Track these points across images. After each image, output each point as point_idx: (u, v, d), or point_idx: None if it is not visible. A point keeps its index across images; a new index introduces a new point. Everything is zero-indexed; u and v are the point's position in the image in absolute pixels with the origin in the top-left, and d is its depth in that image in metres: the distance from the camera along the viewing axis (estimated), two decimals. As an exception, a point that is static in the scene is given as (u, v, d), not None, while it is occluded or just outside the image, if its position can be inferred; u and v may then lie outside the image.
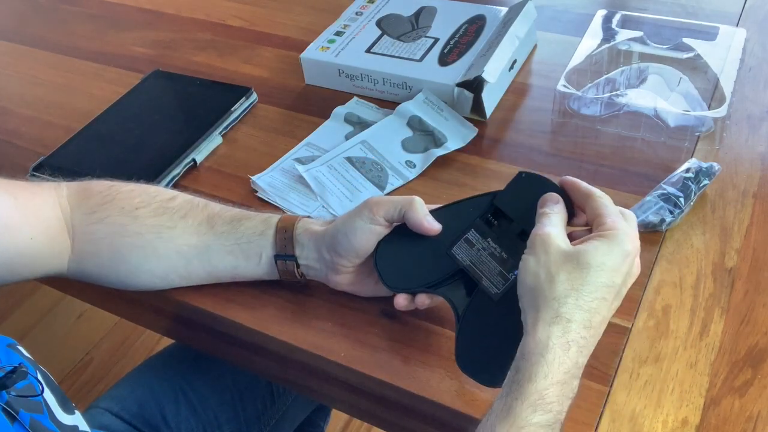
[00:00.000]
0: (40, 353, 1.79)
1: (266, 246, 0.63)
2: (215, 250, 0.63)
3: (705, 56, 0.81)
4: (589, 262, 0.49)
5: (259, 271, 0.64)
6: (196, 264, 0.64)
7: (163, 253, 0.63)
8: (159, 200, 0.65)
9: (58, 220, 0.64)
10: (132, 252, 0.64)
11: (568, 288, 0.48)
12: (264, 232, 0.63)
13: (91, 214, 0.64)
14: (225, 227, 0.63)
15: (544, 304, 0.48)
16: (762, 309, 0.61)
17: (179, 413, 0.79)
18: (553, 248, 0.50)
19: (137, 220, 0.63)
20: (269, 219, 0.64)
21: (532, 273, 0.50)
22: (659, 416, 0.55)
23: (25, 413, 0.50)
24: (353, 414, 0.85)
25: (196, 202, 0.65)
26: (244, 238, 0.63)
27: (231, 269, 0.64)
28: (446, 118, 0.81)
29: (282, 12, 1.07)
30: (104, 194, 0.65)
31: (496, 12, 0.92)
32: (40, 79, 1.00)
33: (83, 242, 0.64)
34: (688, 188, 0.67)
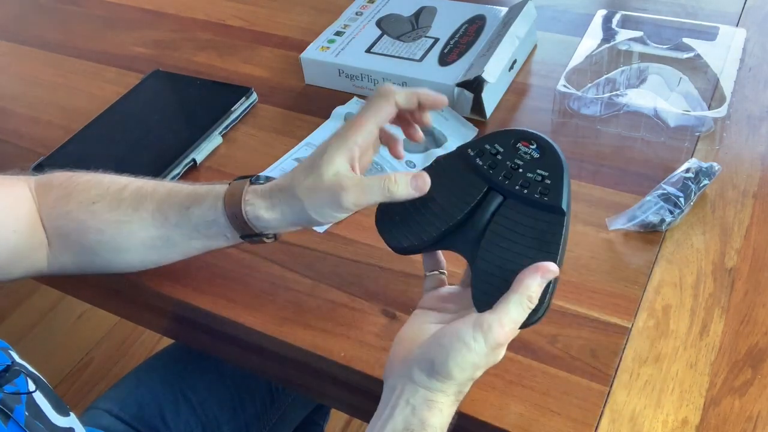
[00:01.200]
0: (39, 353, 1.79)
1: (226, 228, 0.59)
2: (177, 238, 0.61)
3: (705, 56, 0.81)
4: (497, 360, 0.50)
5: (232, 243, 0.61)
6: (166, 251, 0.63)
7: (129, 246, 0.62)
8: (112, 192, 0.63)
9: (34, 213, 0.64)
10: (100, 247, 0.63)
11: (472, 383, 0.50)
12: (216, 219, 0.59)
13: (53, 209, 0.63)
14: (177, 217, 0.60)
15: (455, 393, 0.49)
16: (762, 309, 0.61)
17: (179, 414, 0.79)
18: (492, 360, 0.49)
19: (95, 215, 0.62)
20: (215, 203, 0.59)
21: (464, 370, 0.48)
22: (659, 416, 0.55)
23: (21, 407, 0.50)
24: (353, 414, 0.85)
25: (144, 191, 0.62)
26: (201, 226, 0.60)
27: (203, 248, 0.62)
28: (446, 118, 0.81)
29: (282, 12, 1.07)
30: (63, 186, 0.64)
31: (496, 12, 0.92)
32: (40, 79, 1.00)
33: (55, 236, 0.64)
34: (688, 188, 0.67)
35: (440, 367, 0.48)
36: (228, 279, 0.68)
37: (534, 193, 0.53)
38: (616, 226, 0.67)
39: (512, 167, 0.54)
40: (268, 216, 0.57)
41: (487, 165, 0.54)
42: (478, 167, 0.55)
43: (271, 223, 0.58)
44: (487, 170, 0.54)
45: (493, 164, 0.54)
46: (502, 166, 0.54)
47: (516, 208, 0.53)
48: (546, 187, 0.53)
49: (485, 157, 0.55)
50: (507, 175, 0.54)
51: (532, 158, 0.54)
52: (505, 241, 0.52)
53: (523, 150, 0.54)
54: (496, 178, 0.54)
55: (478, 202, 0.54)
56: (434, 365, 0.48)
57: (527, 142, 0.54)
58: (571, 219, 0.69)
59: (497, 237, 0.53)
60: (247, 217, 0.57)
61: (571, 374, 0.57)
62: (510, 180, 0.53)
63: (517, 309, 0.48)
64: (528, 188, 0.53)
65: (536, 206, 0.52)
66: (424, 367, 0.49)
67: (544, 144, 0.54)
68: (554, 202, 0.52)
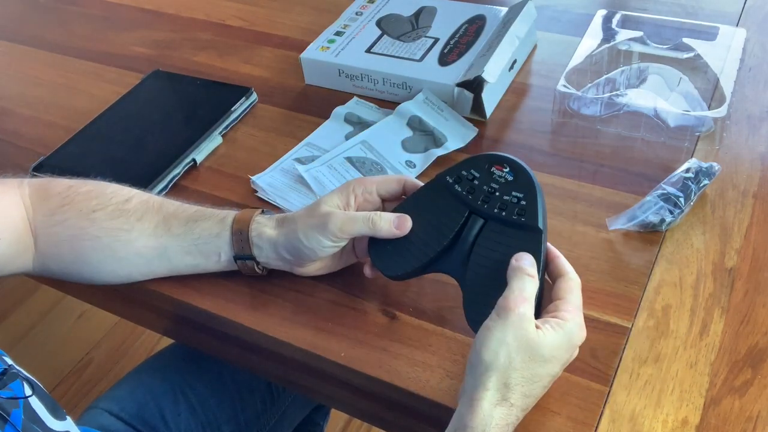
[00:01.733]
0: (39, 354, 1.80)
1: (223, 246, 0.64)
2: (173, 250, 0.64)
3: (705, 56, 0.81)
4: (544, 355, 0.51)
5: (219, 267, 0.65)
6: (156, 264, 0.65)
7: (122, 255, 0.64)
8: (115, 202, 0.65)
9: (23, 219, 0.64)
10: (92, 254, 0.64)
11: (519, 377, 0.50)
12: (219, 233, 0.63)
13: (51, 216, 0.64)
14: (181, 229, 0.64)
15: (494, 385, 0.50)
16: (762, 309, 0.61)
17: (178, 413, 0.79)
18: (521, 333, 0.50)
19: (95, 223, 0.64)
20: (224, 219, 0.64)
21: (491, 350, 0.50)
22: (659, 416, 0.55)
23: (18, 412, 0.50)
24: (353, 414, 0.86)
25: (152, 203, 0.66)
26: (201, 239, 0.64)
27: (191, 267, 0.66)
28: (446, 118, 0.81)
29: (282, 12, 1.07)
30: (63, 195, 0.65)
31: (496, 12, 0.92)
32: (40, 79, 1.00)
33: (45, 243, 0.65)
34: (688, 188, 0.67)
35: (474, 357, 0.51)
36: (228, 279, 0.68)
37: (512, 215, 0.57)
38: (616, 226, 0.67)
39: (489, 191, 0.58)
40: (269, 233, 0.62)
41: (466, 191, 0.59)
42: (458, 194, 0.59)
43: (270, 243, 0.62)
44: (466, 195, 0.59)
45: (471, 189, 0.59)
46: (479, 191, 0.59)
47: (497, 229, 0.57)
48: (522, 208, 0.57)
49: (463, 183, 0.59)
50: (485, 199, 0.58)
51: (506, 181, 0.58)
52: (490, 261, 0.57)
53: (498, 174, 0.58)
54: (476, 202, 0.58)
55: (462, 227, 0.59)
56: (471, 361, 0.51)
57: (500, 166, 0.59)
58: (572, 219, 0.70)
59: (482, 258, 0.57)
60: (251, 235, 0.62)
61: (571, 374, 0.57)
62: (488, 204, 0.58)
63: (513, 279, 0.52)
64: (506, 210, 0.57)
65: (515, 226, 0.57)
66: (468, 371, 0.52)
67: (517, 167, 0.58)
68: (531, 222, 0.56)
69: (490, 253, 0.57)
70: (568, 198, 0.72)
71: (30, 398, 0.53)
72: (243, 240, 0.63)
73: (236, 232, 0.63)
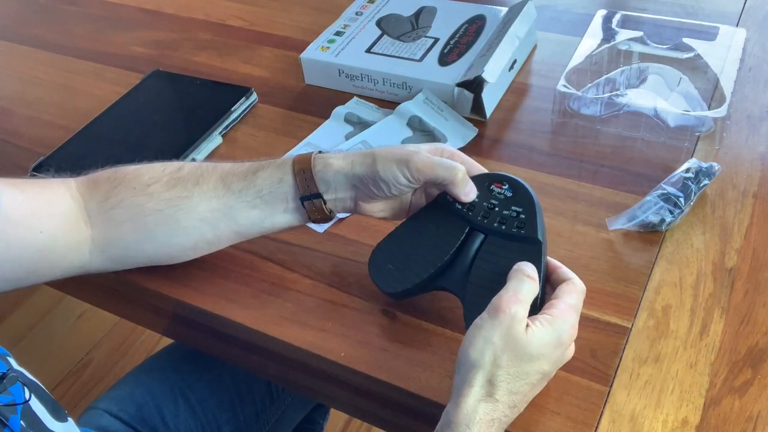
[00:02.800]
0: (39, 354, 1.79)
1: (288, 191, 0.62)
2: (238, 208, 0.62)
3: (705, 56, 0.81)
4: (531, 353, 0.51)
5: (286, 217, 0.63)
6: (223, 227, 0.63)
7: (187, 224, 0.63)
8: (168, 173, 0.64)
9: (72, 212, 0.63)
10: (156, 229, 0.63)
11: (505, 374, 0.50)
12: (282, 179, 0.62)
13: (105, 200, 0.63)
14: (241, 184, 0.62)
15: (479, 382, 0.50)
16: (762, 309, 0.61)
17: (178, 414, 0.79)
18: (509, 333, 0.50)
19: (153, 196, 0.62)
20: (283, 164, 0.63)
21: (477, 349, 0.50)
22: (659, 416, 0.55)
23: (16, 419, 0.50)
24: (353, 414, 0.86)
25: (205, 167, 0.64)
26: (264, 189, 0.62)
27: (258, 223, 0.63)
28: (446, 118, 0.81)
29: (282, 12, 1.07)
30: (112, 179, 0.64)
31: (496, 12, 0.92)
32: (40, 79, 1.00)
33: (104, 229, 0.63)
34: (688, 188, 0.67)
35: (461, 355, 0.51)
36: (228, 279, 0.68)
37: (512, 228, 0.58)
38: (616, 226, 0.67)
39: (489, 207, 0.59)
40: (336, 165, 0.61)
41: (466, 208, 0.60)
42: (458, 211, 0.60)
43: (337, 174, 0.61)
44: (466, 212, 0.59)
45: (471, 206, 0.60)
46: (479, 208, 0.59)
47: (497, 243, 0.58)
48: (522, 221, 0.58)
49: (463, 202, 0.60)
50: (485, 215, 0.59)
51: (505, 197, 0.59)
52: (491, 274, 0.57)
53: (497, 191, 0.59)
54: (475, 218, 0.59)
55: (462, 243, 0.59)
56: (459, 359, 0.51)
57: (500, 184, 0.60)
58: (572, 219, 0.70)
59: (483, 271, 0.58)
60: (315, 170, 0.61)
61: (571, 374, 0.57)
62: (488, 219, 0.59)
63: (514, 282, 0.52)
64: (505, 224, 0.58)
65: (515, 239, 0.57)
66: (456, 371, 0.52)
67: (515, 183, 0.59)
68: (530, 234, 0.57)
69: (491, 266, 0.57)
70: (568, 198, 0.72)
71: (30, 401, 0.53)
72: (308, 179, 0.61)
73: (299, 172, 0.61)
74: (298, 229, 0.72)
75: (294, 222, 0.64)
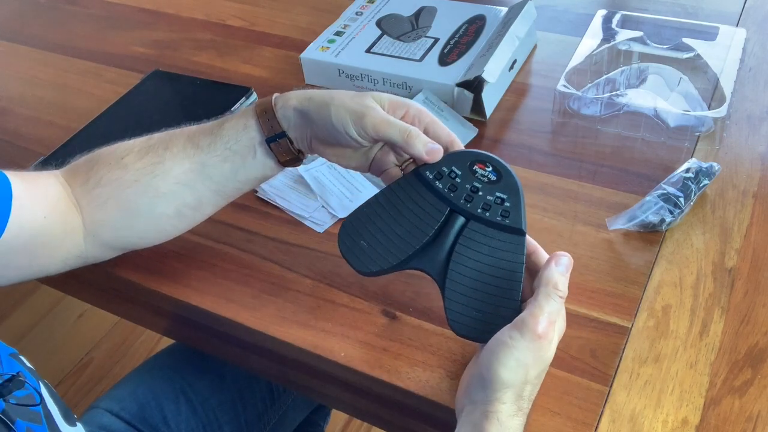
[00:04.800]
0: (39, 353, 1.79)
1: (254, 136, 0.61)
2: (210, 164, 0.62)
3: (705, 56, 0.81)
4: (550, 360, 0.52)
5: (257, 164, 0.62)
6: (200, 187, 0.63)
7: (165, 189, 0.63)
8: (139, 143, 0.64)
9: (63, 198, 0.64)
10: (138, 201, 0.63)
11: (531, 387, 0.51)
12: (246, 124, 0.62)
13: (86, 182, 0.64)
14: (208, 138, 0.62)
15: (510, 399, 0.50)
16: (762, 309, 0.61)
17: (179, 413, 0.79)
18: (542, 355, 0.50)
19: (127, 168, 0.63)
20: (246, 110, 0.62)
21: (510, 369, 0.50)
22: (659, 416, 0.55)
23: (22, 422, 0.50)
24: (353, 414, 0.85)
25: (173, 132, 0.65)
26: (231, 139, 0.62)
27: (233, 176, 0.63)
28: (446, 118, 0.81)
29: (282, 12, 1.07)
30: (89, 160, 0.65)
31: (496, 12, 0.92)
32: (40, 79, 1.00)
33: (91, 212, 0.64)
34: (688, 188, 0.67)
35: (488, 372, 0.50)
36: (228, 279, 0.68)
37: (496, 216, 0.56)
38: (616, 226, 0.67)
39: (472, 190, 0.57)
40: (294, 101, 0.60)
41: (447, 188, 0.57)
42: (439, 190, 0.57)
43: (296, 110, 0.60)
44: (448, 193, 0.57)
45: (453, 187, 0.57)
46: (462, 189, 0.57)
47: (480, 230, 0.56)
48: (506, 210, 0.56)
49: (444, 180, 0.57)
50: (468, 198, 0.57)
51: (489, 181, 0.57)
52: (473, 262, 0.56)
53: (480, 173, 0.57)
54: (458, 201, 0.57)
55: (442, 224, 0.57)
56: (484, 375, 0.50)
57: (483, 165, 0.57)
58: (572, 219, 0.70)
59: (465, 258, 0.56)
60: (276, 108, 0.60)
61: (571, 374, 0.57)
62: (471, 203, 0.57)
63: (546, 299, 0.51)
64: (489, 211, 0.56)
65: (498, 228, 0.56)
66: (478, 382, 0.51)
67: (500, 167, 0.57)
68: (515, 224, 0.56)
69: (473, 254, 0.56)
70: (568, 198, 0.72)
71: (45, 400, 0.53)
72: (270, 118, 0.61)
73: (261, 113, 0.61)
74: (298, 228, 0.72)
75: (267, 170, 0.63)
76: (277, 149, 0.61)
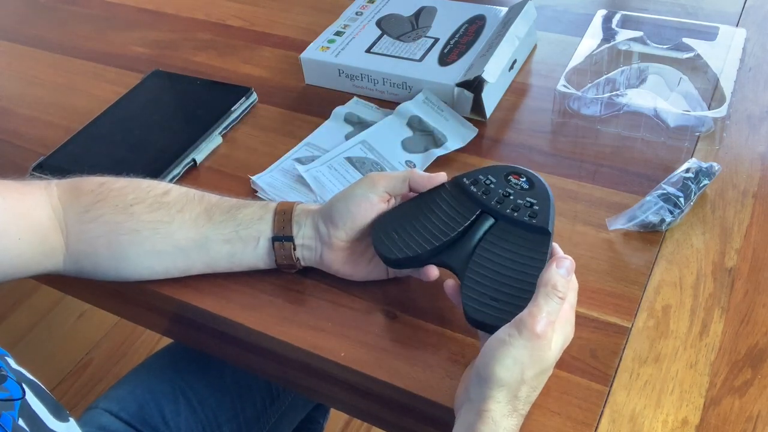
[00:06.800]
0: (39, 354, 1.79)
1: (264, 230, 0.63)
2: (213, 240, 0.63)
3: (705, 56, 0.81)
4: (550, 362, 0.52)
5: (255, 256, 0.64)
6: (195, 257, 0.64)
7: (161, 248, 0.64)
8: (153, 195, 0.64)
9: (50, 219, 0.64)
10: (130, 249, 0.64)
11: (529, 388, 0.51)
12: (263, 216, 0.63)
13: (85, 213, 0.64)
14: (223, 216, 0.64)
15: (505, 398, 0.50)
16: (762, 309, 0.61)
17: (179, 413, 0.79)
18: (540, 354, 0.50)
19: (133, 216, 0.63)
20: (268, 204, 0.65)
21: (506, 368, 0.49)
22: (659, 416, 0.55)
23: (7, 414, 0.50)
24: (353, 414, 0.85)
25: (192, 195, 0.65)
26: (242, 224, 0.63)
27: (228, 257, 0.64)
28: (446, 118, 0.81)
29: (282, 12, 1.07)
30: (96, 192, 0.65)
31: (496, 12, 0.92)
32: (40, 79, 1.00)
33: (78, 241, 0.64)
34: (688, 188, 0.67)
35: (484, 370, 0.50)
36: (228, 279, 0.68)
37: (524, 216, 0.59)
38: (616, 226, 0.67)
39: (504, 194, 0.60)
40: (313, 208, 0.64)
41: (481, 191, 0.61)
42: (473, 193, 0.61)
43: (310, 217, 0.63)
44: (481, 196, 0.61)
45: (487, 191, 0.61)
46: (494, 193, 0.61)
47: (506, 229, 0.59)
48: (534, 211, 0.59)
49: (479, 185, 0.62)
50: (499, 200, 0.60)
51: (522, 188, 0.61)
52: (495, 256, 0.58)
53: (514, 182, 0.61)
54: (489, 202, 0.60)
55: (471, 223, 0.60)
56: (480, 373, 0.51)
57: (518, 176, 0.61)
58: (572, 219, 0.70)
59: (487, 252, 0.58)
60: (294, 213, 0.63)
61: (571, 374, 0.57)
62: (502, 204, 0.60)
63: (545, 299, 0.51)
64: (518, 211, 0.59)
65: (525, 227, 0.58)
66: (475, 381, 0.51)
67: (533, 178, 0.61)
68: (542, 224, 0.58)
69: (496, 249, 0.58)
70: (568, 198, 0.72)
71: (29, 399, 0.53)
72: (285, 220, 0.63)
73: (279, 212, 0.63)
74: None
75: (261, 263, 0.65)
76: (279, 249, 0.63)
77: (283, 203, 0.65)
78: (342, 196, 0.62)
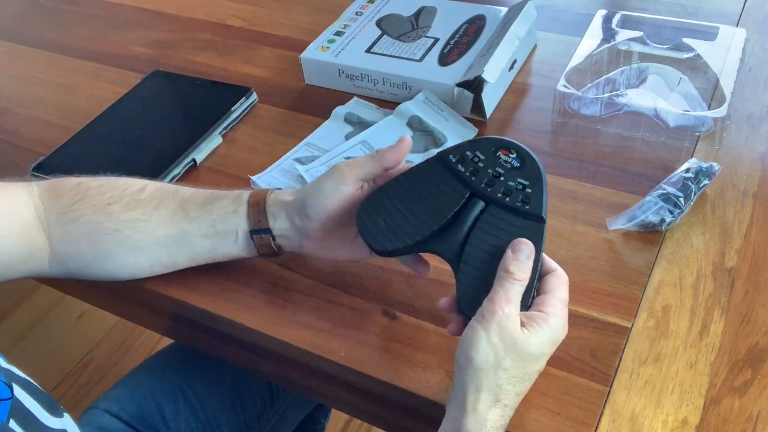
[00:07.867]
0: (39, 354, 1.79)
1: (240, 223, 0.63)
2: (192, 235, 0.64)
3: (705, 56, 0.81)
4: (533, 353, 0.51)
5: (236, 248, 0.64)
6: (177, 251, 0.65)
7: (143, 245, 0.64)
8: (129, 193, 0.65)
9: (33, 219, 0.64)
10: (114, 248, 0.64)
11: (510, 376, 0.50)
12: (236, 210, 0.63)
13: (64, 214, 0.64)
14: (198, 212, 0.64)
15: (487, 387, 0.50)
16: (762, 309, 0.61)
17: (179, 413, 0.79)
18: (507, 333, 0.50)
19: (111, 216, 0.63)
20: (240, 196, 0.64)
21: (481, 350, 0.50)
22: (659, 416, 0.55)
23: None
24: (353, 414, 0.86)
25: (166, 190, 0.65)
26: (218, 219, 0.63)
27: (209, 251, 0.65)
28: (446, 118, 0.81)
29: (282, 12, 1.07)
30: (74, 192, 0.65)
31: (496, 12, 0.92)
32: (40, 79, 1.00)
33: (62, 242, 0.64)
34: (688, 188, 0.67)
35: (460, 357, 0.51)
36: (228, 279, 0.68)
37: (516, 201, 0.56)
38: (616, 226, 0.67)
39: (494, 175, 0.57)
40: (286, 199, 0.62)
41: (469, 172, 0.57)
42: (460, 173, 0.57)
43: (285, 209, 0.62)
44: (469, 177, 0.57)
45: (475, 171, 0.57)
46: (483, 174, 0.57)
47: (498, 214, 0.56)
48: (527, 195, 0.56)
49: (467, 164, 0.57)
50: (489, 183, 0.57)
51: (512, 167, 0.57)
52: (488, 246, 0.55)
53: (504, 158, 0.57)
54: (479, 185, 0.57)
55: (461, 208, 0.57)
56: (459, 361, 0.51)
57: (507, 151, 0.57)
58: (572, 219, 0.70)
59: (480, 241, 0.56)
60: (268, 204, 0.62)
61: (571, 374, 0.57)
62: (492, 187, 0.56)
63: (500, 283, 0.52)
64: (510, 196, 0.56)
65: (518, 213, 0.55)
66: (456, 372, 0.52)
67: (524, 153, 0.57)
68: (535, 210, 0.55)
69: (490, 238, 0.55)
70: (568, 198, 0.72)
71: (21, 398, 0.52)
72: (260, 212, 0.62)
73: (253, 204, 0.63)
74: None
75: (243, 254, 0.65)
76: (258, 241, 0.63)
77: (255, 193, 0.64)
78: (314, 190, 0.60)
